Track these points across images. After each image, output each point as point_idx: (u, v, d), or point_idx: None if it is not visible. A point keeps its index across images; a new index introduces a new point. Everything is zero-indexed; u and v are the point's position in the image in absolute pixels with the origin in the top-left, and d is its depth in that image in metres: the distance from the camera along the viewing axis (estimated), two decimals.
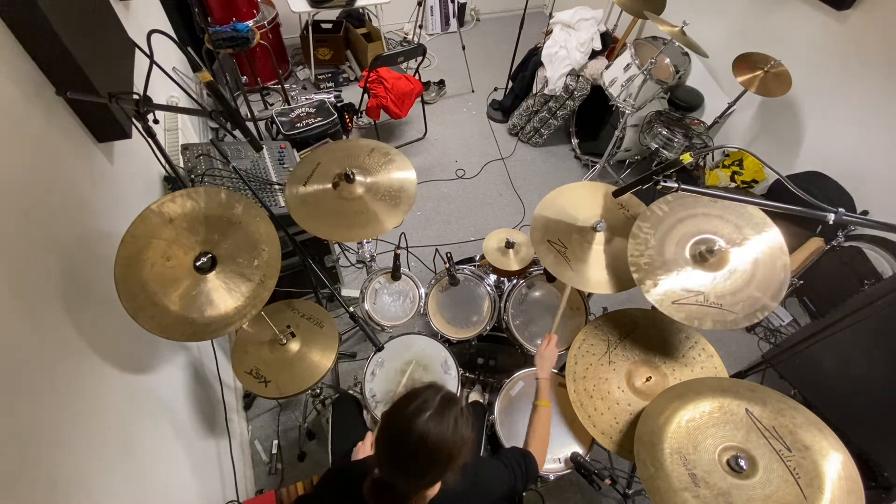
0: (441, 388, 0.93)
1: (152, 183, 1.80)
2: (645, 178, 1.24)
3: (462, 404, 0.93)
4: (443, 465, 0.88)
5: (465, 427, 0.90)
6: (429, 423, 0.85)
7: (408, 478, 0.90)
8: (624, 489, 1.78)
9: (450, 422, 0.87)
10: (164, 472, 1.32)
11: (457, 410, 0.90)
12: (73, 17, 1.18)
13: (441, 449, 0.86)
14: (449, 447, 0.87)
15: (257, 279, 1.24)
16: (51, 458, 0.84)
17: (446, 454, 0.87)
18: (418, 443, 0.85)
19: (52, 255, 1.00)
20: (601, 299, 2.41)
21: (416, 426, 0.85)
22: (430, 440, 0.85)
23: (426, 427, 0.85)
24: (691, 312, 1.27)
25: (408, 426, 0.86)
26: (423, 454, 0.86)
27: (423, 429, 0.85)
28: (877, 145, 2.40)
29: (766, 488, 1.07)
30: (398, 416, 0.89)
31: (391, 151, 1.62)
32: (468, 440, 0.91)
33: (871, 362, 1.79)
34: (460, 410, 0.91)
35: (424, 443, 0.85)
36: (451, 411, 0.89)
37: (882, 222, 1.09)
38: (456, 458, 0.89)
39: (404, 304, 1.87)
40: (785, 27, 2.72)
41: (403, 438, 0.86)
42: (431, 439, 0.85)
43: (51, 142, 1.10)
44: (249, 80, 3.45)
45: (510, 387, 1.69)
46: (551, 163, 3.52)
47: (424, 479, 0.92)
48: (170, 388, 1.50)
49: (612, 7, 3.56)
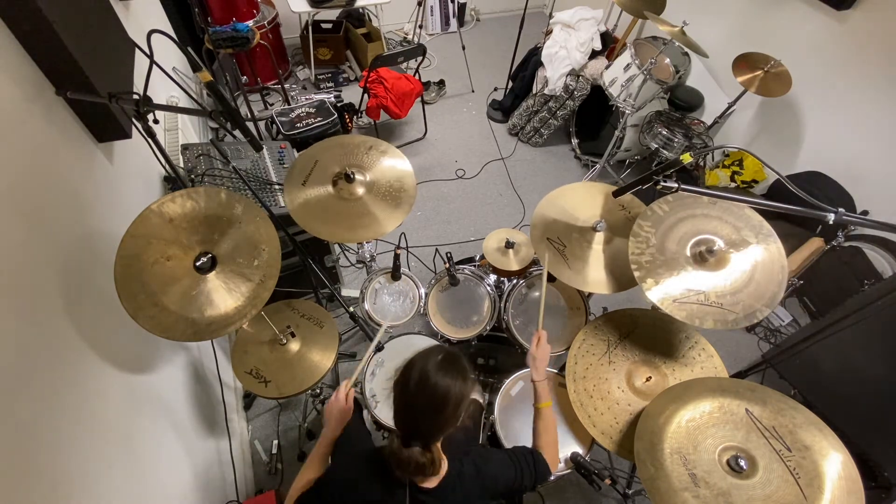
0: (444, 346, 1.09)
1: (152, 183, 1.80)
2: (645, 178, 1.24)
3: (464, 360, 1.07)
4: (455, 403, 1.00)
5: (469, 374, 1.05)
6: (439, 370, 0.99)
7: (427, 420, 1.00)
8: (624, 489, 1.78)
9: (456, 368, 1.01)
10: (164, 472, 1.32)
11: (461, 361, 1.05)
12: (73, 17, 1.18)
13: (451, 388, 0.99)
14: (458, 386, 1.00)
15: (257, 279, 1.24)
16: (51, 457, 0.84)
17: (457, 393, 1.00)
18: (433, 385, 0.98)
19: (52, 255, 1.00)
20: (601, 299, 2.41)
21: (429, 373, 0.99)
22: (441, 382, 0.99)
23: (437, 373, 0.99)
24: (692, 311, 1.27)
25: (422, 375, 0.99)
26: (439, 394, 0.98)
27: (435, 375, 0.99)
28: (877, 145, 2.40)
29: (766, 488, 1.07)
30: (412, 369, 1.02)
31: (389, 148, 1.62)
32: (471, 386, 1.05)
33: (871, 362, 1.79)
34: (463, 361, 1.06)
35: (438, 385, 0.98)
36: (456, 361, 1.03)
37: (882, 222, 1.09)
38: (465, 398, 1.03)
39: (404, 304, 1.87)
40: (785, 27, 2.72)
41: (419, 385, 0.99)
42: (442, 382, 0.99)
43: (51, 142, 1.10)
44: (249, 80, 3.45)
45: (510, 387, 1.69)
46: (551, 163, 3.52)
47: (441, 419, 1.01)
48: (170, 388, 1.50)
49: (612, 7, 3.56)
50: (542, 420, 1.35)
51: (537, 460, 1.22)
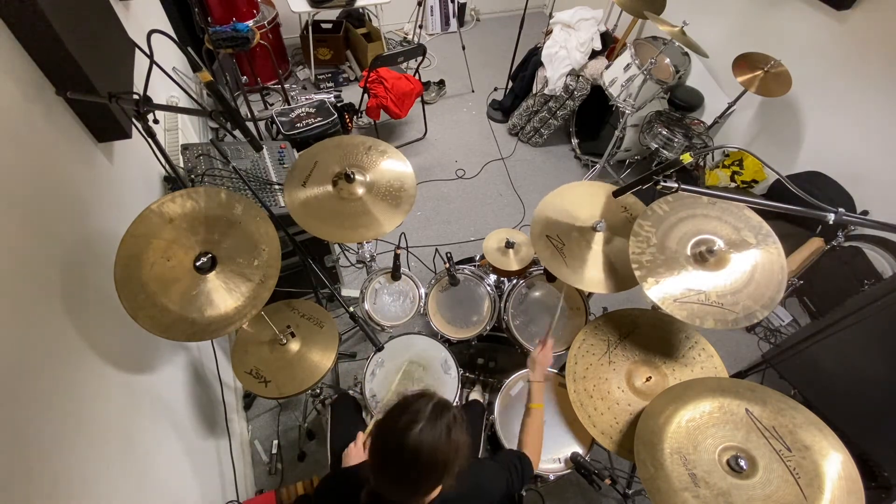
0: (433, 396, 0.91)
1: (152, 183, 1.80)
2: (645, 178, 1.24)
3: (455, 410, 0.91)
4: (438, 475, 0.87)
5: (459, 433, 0.88)
6: (421, 434, 0.83)
7: (403, 491, 0.89)
8: (624, 489, 1.78)
9: (443, 431, 0.85)
10: (164, 472, 1.32)
11: (449, 417, 0.88)
12: (74, 18, 1.18)
13: (435, 460, 0.85)
14: (443, 457, 0.85)
15: (257, 279, 1.24)
16: (51, 457, 0.84)
17: (441, 464, 0.86)
18: (412, 456, 0.83)
19: (52, 255, 1.00)
20: (601, 299, 2.41)
21: (408, 439, 0.83)
22: (423, 453, 0.83)
23: (419, 439, 0.83)
24: (693, 311, 1.27)
25: (400, 440, 0.83)
26: (417, 467, 0.84)
27: (416, 441, 0.83)
28: (877, 145, 2.40)
29: (766, 488, 1.07)
30: (390, 429, 0.87)
31: (388, 148, 1.62)
32: (463, 447, 0.89)
33: (871, 362, 1.79)
34: (453, 417, 0.89)
35: (418, 456, 0.83)
36: (443, 419, 0.87)
37: (882, 222, 1.09)
38: (451, 467, 0.88)
39: (404, 304, 1.87)
40: (785, 27, 2.72)
41: (397, 453, 0.84)
42: (425, 452, 0.83)
43: (51, 142, 1.10)
44: (249, 80, 3.45)
45: (510, 387, 1.69)
46: (551, 163, 3.52)
47: (420, 491, 0.91)
48: (170, 388, 1.50)
49: (612, 7, 3.56)
50: (531, 419, 1.38)
51: (524, 463, 1.24)
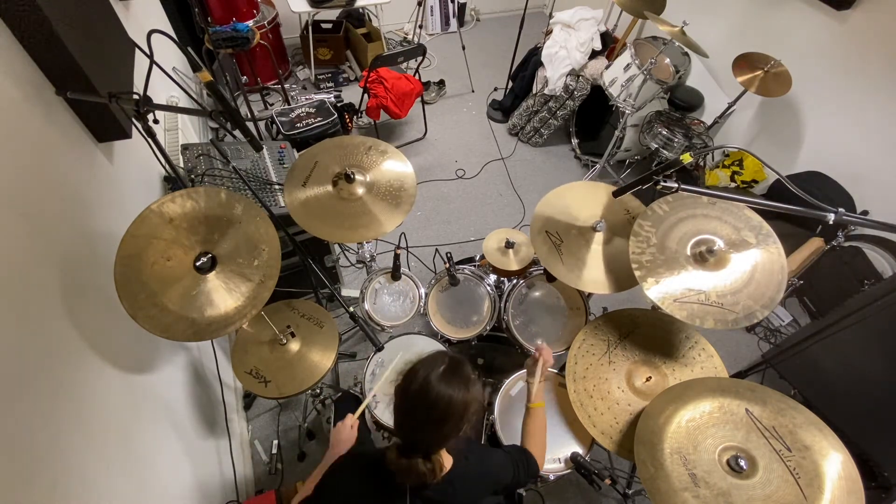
0: (446, 354, 1.03)
1: (152, 183, 1.80)
2: (645, 178, 1.24)
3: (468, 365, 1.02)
4: (458, 414, 0.96)
5: (474, 382, 1.00)
6: (441, 380, 0.95)
7: (429, 432, 0.97)
8: (624, 489, 1.78)
9: (460, 377, 0.97)
10: (164, 472, 1.32)
11: (465, 369, 1.00)
12: (73, 17, 1.18)
13: (454, 400, 0.95)
14: (462, 397, 0.96)
15: (257, 279, 1.24)
16: (51, 457, 0.84)
17: (460, 404, 0.96)
18: (435, 397, 0.94)
19: (52, 255, 1.00)
20: (601, 299, 2.41)
21: (430, 384, 0.95)
22: (444, 394, 0.94)
23: (440, 383, 0.95)
24: (693, 311, 1.27)
25: (423, 385, 0.95)
26: (440, 406, 0.94)
27: (437, 385, 0.95)
28: (877, 145, 2.40)
29: (766, 488, 1.07)
30: (413, 378, 0.98)
31: (388, 148, 1.62)
32: (477, 393, 1.00)
33: (871, 362, 1.79)
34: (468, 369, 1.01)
35: (440, 397, 0.94)
36: (459, 369, 0.99)
37: (882, 222, 1.09)
38: (469, 408, 0.98)
39: (404, 304, 1.87)
40: (785, 27, 2.72)
41: (421, 396, 0.95)
42: (445, 395, 0.94)
43: (51, 142, 1.10)
44: (249, 80, 3.45)
45: (510, 387, 1.69)
46: (551, 163, 3.52)
47: (443, 431, 0.97)
48: (170, 388, 1.50)
49: (612, 7, 3.56)
50: (533, 419, 1.37)
51: (529, 458, 1.25)
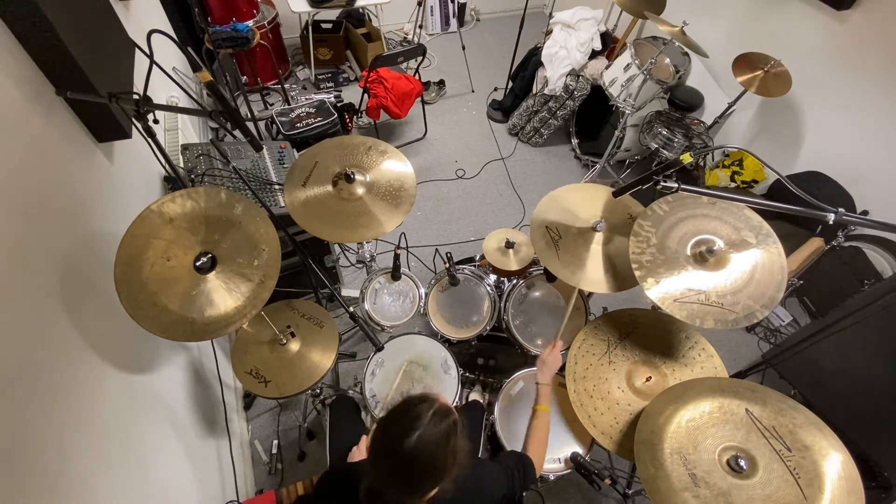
0: (434, 401, 0.92)
1: (152, 183, 1.80)
2: (645, 178, 1.24)
3: (455, 416, 0.92)
4: (434, 478, 0.89)
5: (458, 441, 0.90)
6: (420, 439, 0.85)
7: (400, 491, 0.90)
8: (624, 489, 1.78)
9: (442, 437, 0.87)
10: (164, 472, 1.32)
11: (449, 423, 0.89)
12: (73, 17, 1.18)
13: (432, 464, 0.87)
14: (441, 462, 0.87)
15: (257, 279, 1.24)
16: (51, 457, 0.84)
17: (438, 469, 0.88)
18: (410, 459, 0.85)
19: (52, 255, 1.00)
20: (601, 299, 2.41)
21: (407, 443, 0.84)
22: (421, 457, 0.85)
23: (417, 444, 0.85)
24: (693, 311, 1.27)
25: (399, 443, 0.85)
26: (415, 470, 0.86)
27: (415, 446, 0.84)
28: (877, 145, 2.40)
29: (766, 488, 1.07)
30: (390, 431, 0.89)
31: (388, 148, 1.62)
32: (461, 453, 0.91)
33: (871, 362, 1.79)
34: (453, 423, 0.90)
35: (416, 459, 0.85)
36: (443, 425, 0.88)
37: (882, 222, 1.09)
38: (448, 472, 0.90)
39: (404, 304, 1.87)
40: (785, 27, 2.72)
41: (395, 455, 0.86)
42: (423, 456, 0.85)
43: (51, 142, 1.10)
44: (249, 80, 3.45)
45: (510, 387, 1.69)
46: (551, 163, 3.52)
47: (417, 493, 0.92)
48: (170, 388, 1.50)
49: (612, 7, 3.56)
50: (538, 421, 1.38)
51: (527, 466, 1.24)
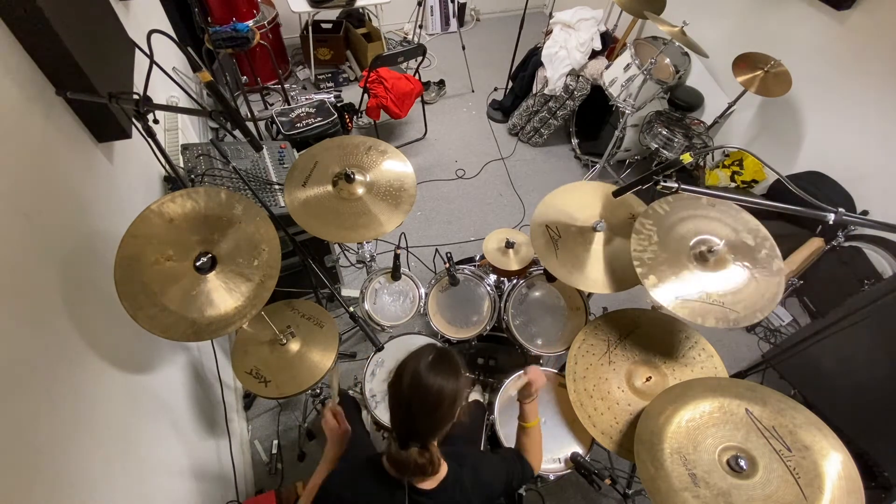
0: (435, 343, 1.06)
1: (152, 183, 1.80)
2: (645, 178, 1.24)
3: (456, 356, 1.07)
4: (450, 401, 1.00)
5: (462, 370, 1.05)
6: (430, 369, 0.99)
7: (422, 421, 1.00)
8: (624, 489, 1.78)
9: (448, 366, 1.02)
10: (164, 472, 1.32)
11: (454, 357, 1.05)
12: (73, 17, 1.18)
13: (444, 387, 0.99)
14: (452, 384, 1.00)
15: (257, 279, 1.24)
16: (50, 457, 0.84)
17: (451, 391, 1.00)
18: (426, 386, 0.98)
19: (52, 255, 1.00)
20: (601, 299, 2.41)
21: (420, 374, 0.99)
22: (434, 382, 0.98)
23: (429, 373, 0.99)
24: (694, 310, 1.27)
25: (414, 376, 0.99)
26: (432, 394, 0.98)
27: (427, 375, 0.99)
28: (877, 145, 2.40)
29: (766, 488, 1.07)
30: (404, 371, 1.02)
31: (388, 148, 1.62)
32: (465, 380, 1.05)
33: (871, 362, 1.80)
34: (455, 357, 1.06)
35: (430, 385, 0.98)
36: (447, 358, 1.03)
37: (882, 222, 1.10)
38: (460, 395, 1.02)
39: (404, 304, 1.87)
40: (785, 27, 2.72)
41: (412, 387, 0.99)
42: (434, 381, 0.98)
43: (51, 142, 1.10)
44: (249, 80, 3.45)
45: (510, 387, 1.68)
46: (551, 163, 3.52)
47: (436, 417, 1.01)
48: (170, 388, 1.50)
49: (612, 7, 3.56)
50: (528, 438, 1.31)
51: (525, 465, 1.25)
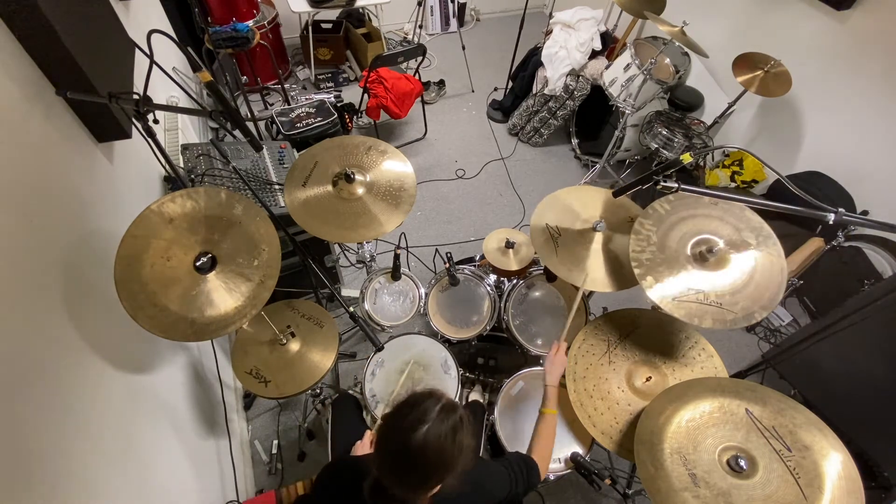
0: (441, 397, 0.92)
1: (152, 183, 1.80)
2: (645, 178, 1.24)
3: (462, 412, 0.92)
4: (441, 474, 0.89)
5: (464, 436, 0.90)
6: (428, 434, 0.85)
7: (407, 485, 0.91)
8: (624, 489, 1.78)
9: (449, 432, 0.87)
10: (164, 472, 1.32)
11: (456, 419, 0.90)
12: (73, 17, 1.18)
13: (440, 460, 0.87)
14: (448, 458, 0.88)
15: (257, 279, 1.24)
16: (51, 458, 0.84)
17: (445, 464, 0.88)
18: (417, 454, 0.85)
19: (52, 255, 1.00)
20: (601, 299, 2.41)
21: (415, 438, 0.85)
22: (428, 453, 0.85)
23: (425, 439, 0.85)
24: (691, 310, 1.27)
25: (407, 438, 0.85)
26: (422, 465, 0.87)
27: (422, 441, 0.85)
28: (877, 145, 2.40)
29: (766, 488, 1.07)
30: (397, 426, 0.89)
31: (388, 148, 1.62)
32: (468, 449, 0.91)
33: (871, 362, 1.80)
34: (460, 419, 0.91)
35: (423, 454, 0.85)
36: (450, 421, 0.88)
37: (882, 222, 1.09)
38: (455, 467, 0.90)
39: (404, 304, 1.87)
40: (785, 27, 2.72)
41: (402, 449, 0.86)
42: (430, 451, 0.85)
43: (51, 142, 1.10)
44: (249, 80, 3.45)
45: (510, 387, 1.69)
46: (551, 163, 3.52)
47: (423, 487, 0.92)
48: (170, 388, 1.50)
49: (612, 7, 3.56)
50: (545, 424, 1.35)
51: (530, 469, 1.23)
